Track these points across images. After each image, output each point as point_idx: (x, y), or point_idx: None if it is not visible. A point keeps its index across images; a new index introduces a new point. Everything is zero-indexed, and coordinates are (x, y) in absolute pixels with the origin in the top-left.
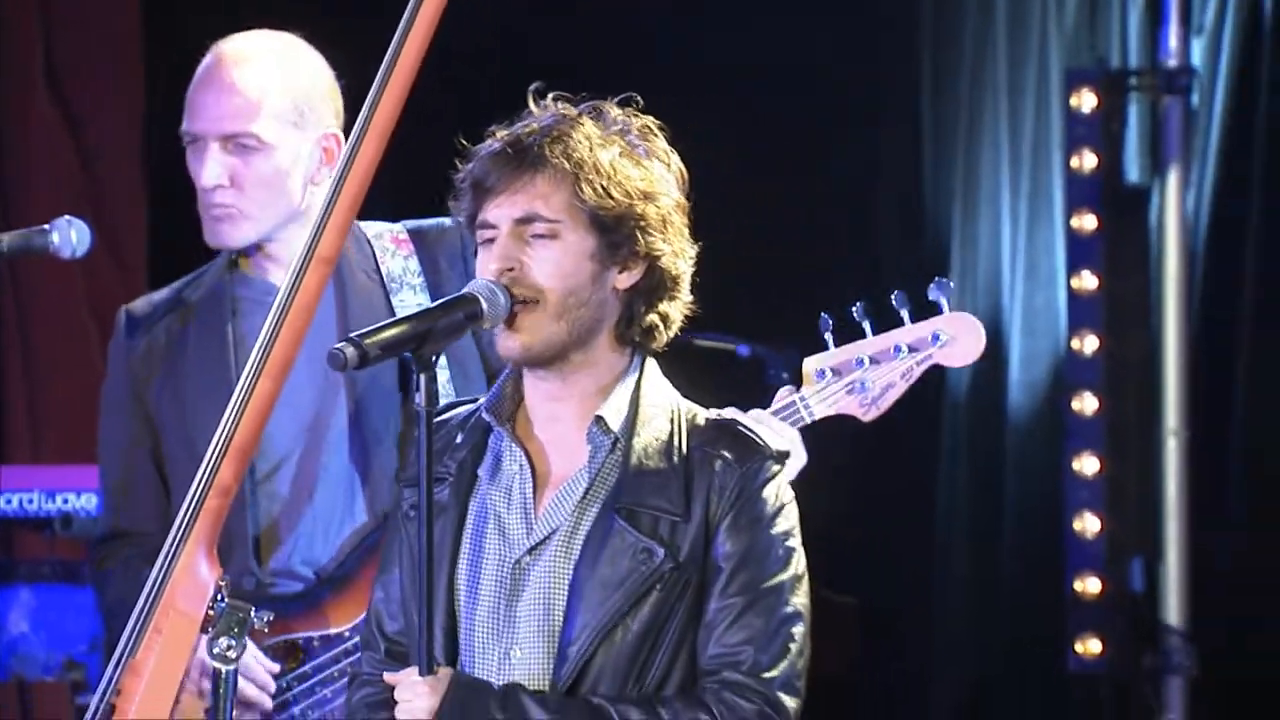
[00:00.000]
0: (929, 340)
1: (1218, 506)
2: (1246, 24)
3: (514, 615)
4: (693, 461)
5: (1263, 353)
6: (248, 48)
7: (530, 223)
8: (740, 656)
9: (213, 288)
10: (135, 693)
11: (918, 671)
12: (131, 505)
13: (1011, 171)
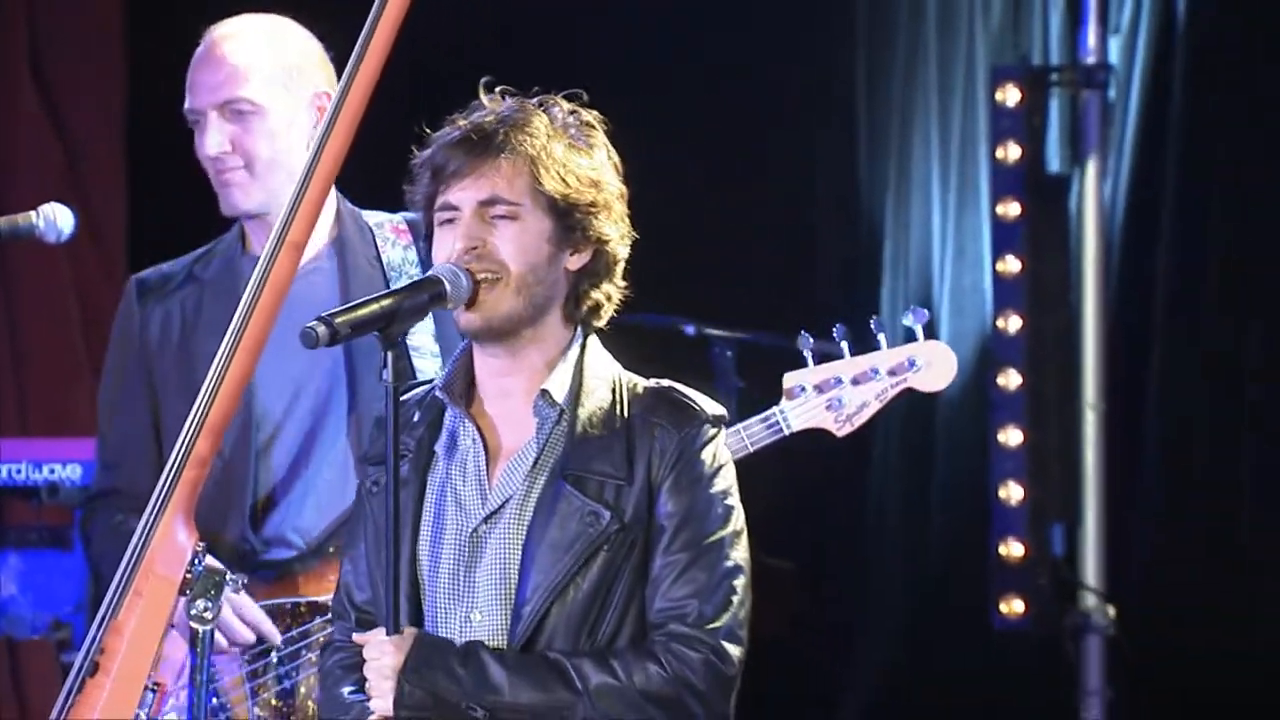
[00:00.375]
0: (906, 365)
1: (1134, 475)
2: (1160, 24)
3: (473, 580)
4: (634, 428)
5: (1175, 331)
6: (236, 25)
7: (493, 205)
8: (686, 609)
9: (226, 268)
10: (118, 651)
11: (852, 630)
12: (129, 465)
13: (941, 163)
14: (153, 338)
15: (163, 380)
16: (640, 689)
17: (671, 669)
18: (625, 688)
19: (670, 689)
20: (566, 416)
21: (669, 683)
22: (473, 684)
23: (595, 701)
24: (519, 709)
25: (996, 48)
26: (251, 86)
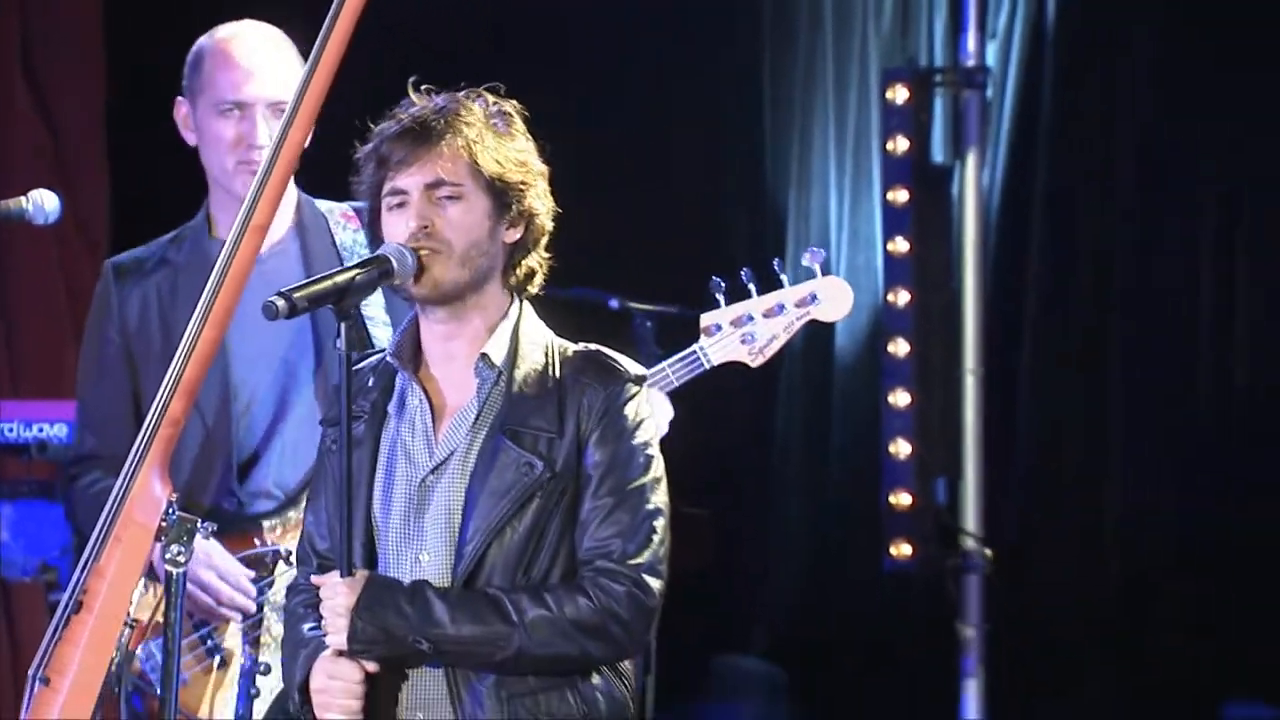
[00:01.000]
0: (809, 299)
1: (1008, 433)
2: (1032, 30)
3: (421, 525)
4: (565, 387)
5: (1045, 304)
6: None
7: (439, 187)
8: (611, 547)
9: (195, 251)
10: (99, 592)
11: (759, 571)
12: (109, 432)
13: (838, 154)
14: (132, 316)
15: (143, 354)
16: (571, 619)
17: (599, 601)
18: (557, 618)
19: (598, 619)
20: (504, 377)
21: (596, 613)
22: (419, 619)
23: (530, 632)
24: (461, 641)
25: (887, 51)
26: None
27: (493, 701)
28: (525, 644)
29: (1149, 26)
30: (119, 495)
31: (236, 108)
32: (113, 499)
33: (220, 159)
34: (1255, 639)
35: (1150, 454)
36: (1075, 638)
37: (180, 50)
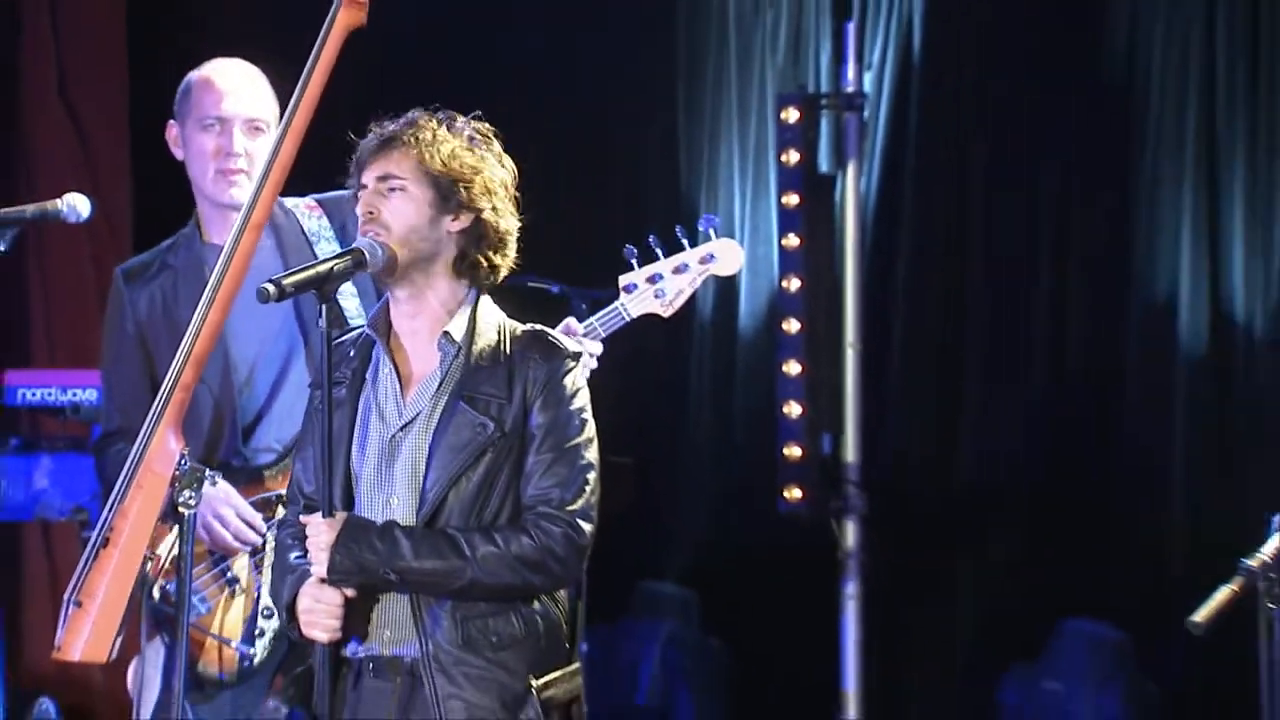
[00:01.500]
0: (708, 258)
1: (881, 395)
2: (901, 63)
3: (391, 474)
4: (514, 361)
5: (911, 289)
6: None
7: (386, 180)
8: (551, 495)
9: (190, 256)
10: (123, 530)
11: (674, 510)
12: (131, 411)
13: (741, 164)
14: (142, 313)
15: (155, 343)
16: (516, 555)
17: (539, 540)
18: (504, 554)
19: (538, 555)
20: (463, 352)
21: (537, 550)
22: (388, 554)
23: (482, 565)
24: (423, 572)
25: (781, 79)
26: (268, 114)
27: (449, 623)
28: (478, 575)
29: (995, 60)
30: (139, 449)
31: (217, 122)
32: (134, 453)
33: (203, 168)
34: (1084, 565)
35: (996, 412)
36: (937, 564)
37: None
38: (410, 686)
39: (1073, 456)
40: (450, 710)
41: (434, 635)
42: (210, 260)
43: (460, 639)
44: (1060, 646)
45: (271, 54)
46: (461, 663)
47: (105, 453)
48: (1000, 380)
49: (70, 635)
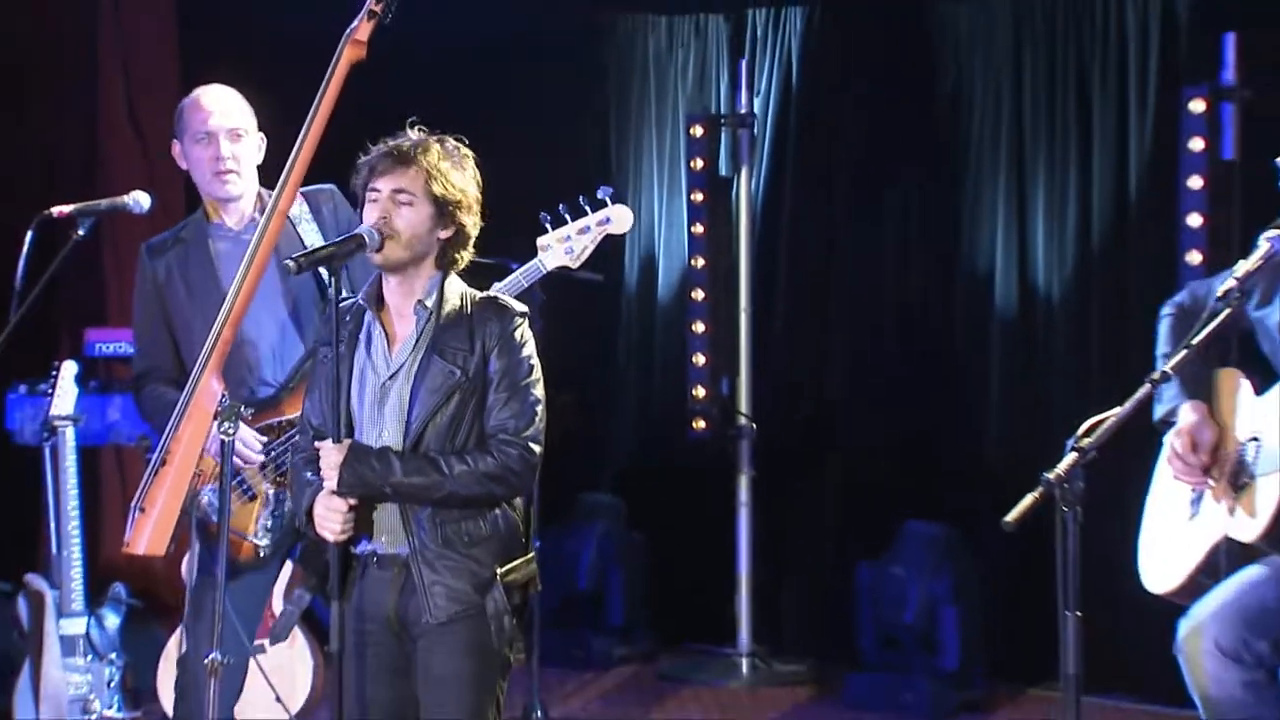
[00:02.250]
0: (605, 220)
1: (768, 349)
2: (782, 91)
3: (383, 414)
4: (473, 320)
5: (791, 267)
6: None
7: (400, 193)
8: (507, 425)
9: (197, 234)
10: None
11: (607, 437)
12: (157, 355)
13: (659, 170)
14: (161, 277)
15: (171, 299)
16: (482, 471)
17: (500, 459)
18: (473, 470)
19: (500, 471)
20: (433, 315)
21: (499, 467)
22: (383, 471)
23: (456, 480)
24: (411, 486)
25: (690, 103)
26: (247, 122)
27: (431, 526)
28: (454, 488)
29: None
30: (190, 390)
31: (206, 136)
32: (185, 393)
33: (202, 173)
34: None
35: (855, 361)
36: (809, 477)
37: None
38: (404, 576)
39: (914, 395)
40: (434, 594)
41: (420, 536)
42: (214, 235)
43: (440, 539)
44: (903, 541)
45: (292, 81)
46: (442, 557)
47: (140, 391)
48: (859, 336)
49: (136, 534)
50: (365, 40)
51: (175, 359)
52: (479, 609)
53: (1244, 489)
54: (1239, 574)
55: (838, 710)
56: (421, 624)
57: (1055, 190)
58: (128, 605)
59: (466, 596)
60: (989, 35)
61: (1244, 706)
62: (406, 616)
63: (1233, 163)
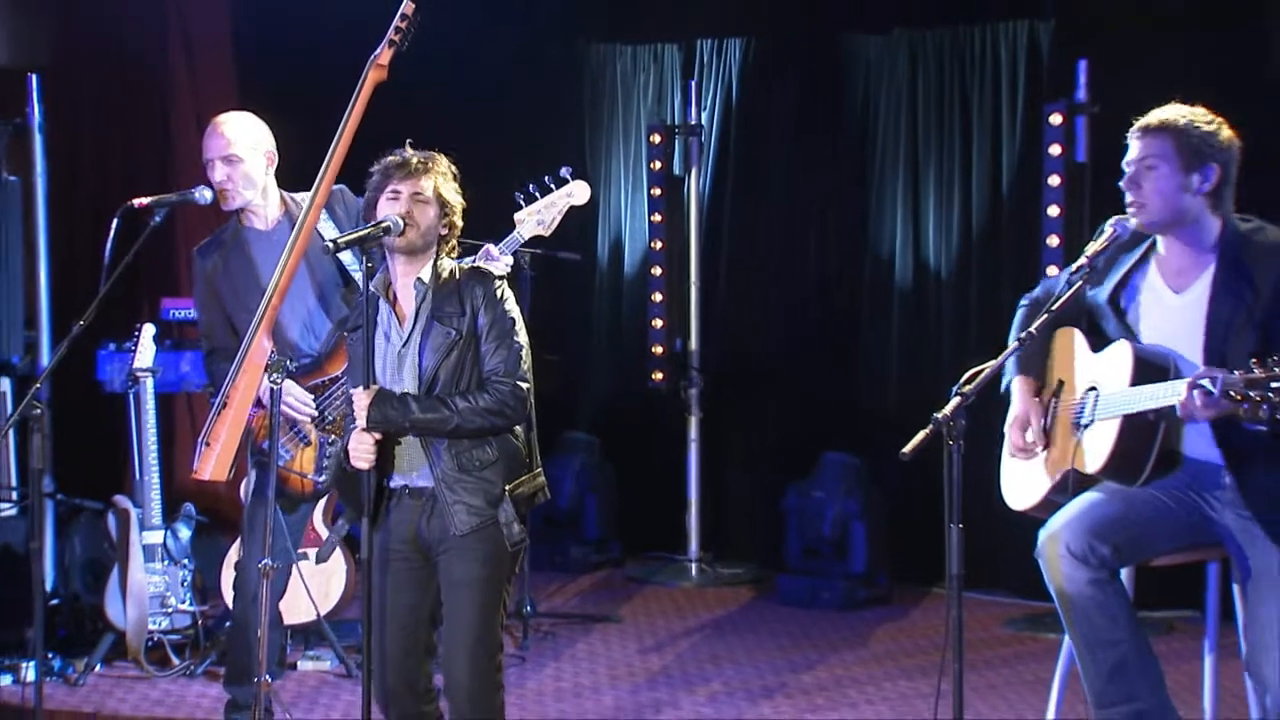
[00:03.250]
0: (568, 195)
1: (713, 314)
2: (724, 107)
3: (401, 375)
4: (463, 287)
5: (731, 249)
6: (228, 116)
7: (417, 195)
8: (499, 368)
9: (235, 236)
10: (235, 397)
11: (585, 387)
12: (215, 332)
13: (625, 170)
14: (209, 273)
15: (219, 288)
16: (482, 406)
17: (496, 396)
18: (475, 406)
19: (496, 405)
20: (429, 289)
21: (495, 402)
22: (402, 410)
23: (461, 415)
24: (426, 422)
25: (650, 115)
26: (240, 149)
27: (448, 455)
28: (459, 422)
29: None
30: (245, 348)
31: (209, 162)
32: (241, 350)
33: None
34: (838, 417)
35: (784, 325)
36: (746, 416)
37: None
38: (430, 502)
39: (832, 352)
40: (456, 511)
41: (440, 466)
42: (247, 235)
43: (456, 466)
44: (822, 469)
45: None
46: (459, 480)
47: (209, 360)
48: (786, 305)
49: (202, 463)
50: (386, 64)
51: (230, 331)
52: (492, 519)
53: (1086, 429)
54: (1084, 494)
55: (770, 605)
56: (447, 539)
57: (943, 187)
58: (196, 520)
59: (482, 510)
60: (891, 63)
61: (1090, 599)
62: (430, 537)
63: (1084, 165)
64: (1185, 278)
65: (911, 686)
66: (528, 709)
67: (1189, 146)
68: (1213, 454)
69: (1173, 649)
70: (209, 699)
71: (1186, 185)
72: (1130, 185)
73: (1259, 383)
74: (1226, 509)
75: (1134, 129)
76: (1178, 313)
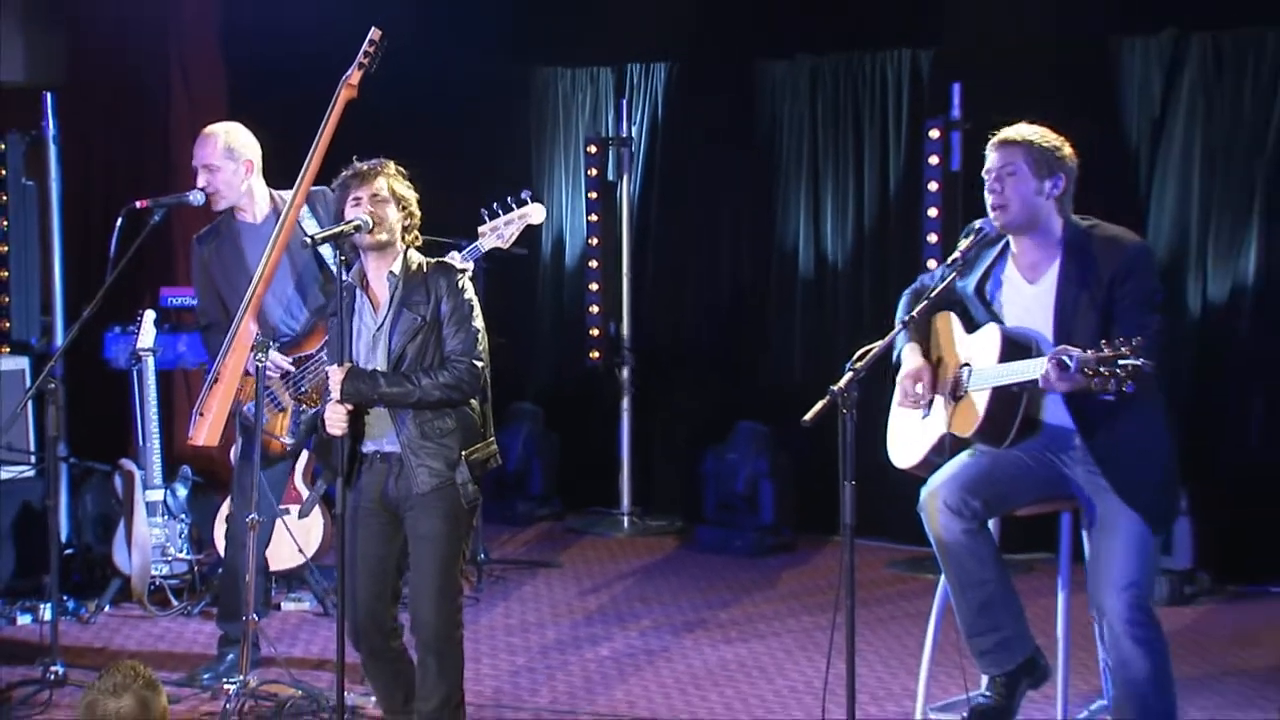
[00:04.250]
0: (525, 215)
1: (642, 302)
2: (652, 120)
3: (375, 355)
4: (429, 278)
5: (657, 245)
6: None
7: (375, 196)
8: (457, 349)
9: (228, 228)
10: (225, 374)
11: (530, 364)
12: (211, 311)
13: (566, 176)
14: (206, 258)
15: (215, 274)
16: (441, 382)
17: (454, 373)
18: (435, 382)
19: (454, 381)
20: (400, 280)
21: (453, 378)
22: (371, 384)
23: (422, 389)
24: (392, 395)
25: (587, 128)
26: (218, 158)
27: (412, 424)
28: (421, 395)
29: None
30: (234, 329)
31: (195, 170)
32: (230, 331)
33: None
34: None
35: (704, 308)
36: (671, 389)
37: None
38: (398, 465)
39: (744, 334)
40: (419, 473)
41: (405, 432)
42: (239, 228)
43: (419, 434)
44: (736, 435)
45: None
46: (422, 447)
47: (205, 336)
48: (706, 294)
49: (197, 430)
50: (356, 84)
51: (224, 311)
52: (451, 481)
53: (961, 399)
54: (959, 456)
55: (691, 553)
56: (412, 497)
57: (839, 192)
58: (192, 480)
59: (442, 473)
60: (794, 85)
61: (963, 546)
62: (397, 496)
63: (958, 173)
64: (1037, 270)
65: (812, 620)
66: (481, 643)
67: (1041, 157)
68: (1066, 420)
69: (1032, 586)
70: (204, 635)
71: (1040, 190)
72: (993, 189)
73: (1108, 360)
74: (1077, 465)
75: (992, 142)
76: (1032, 299)
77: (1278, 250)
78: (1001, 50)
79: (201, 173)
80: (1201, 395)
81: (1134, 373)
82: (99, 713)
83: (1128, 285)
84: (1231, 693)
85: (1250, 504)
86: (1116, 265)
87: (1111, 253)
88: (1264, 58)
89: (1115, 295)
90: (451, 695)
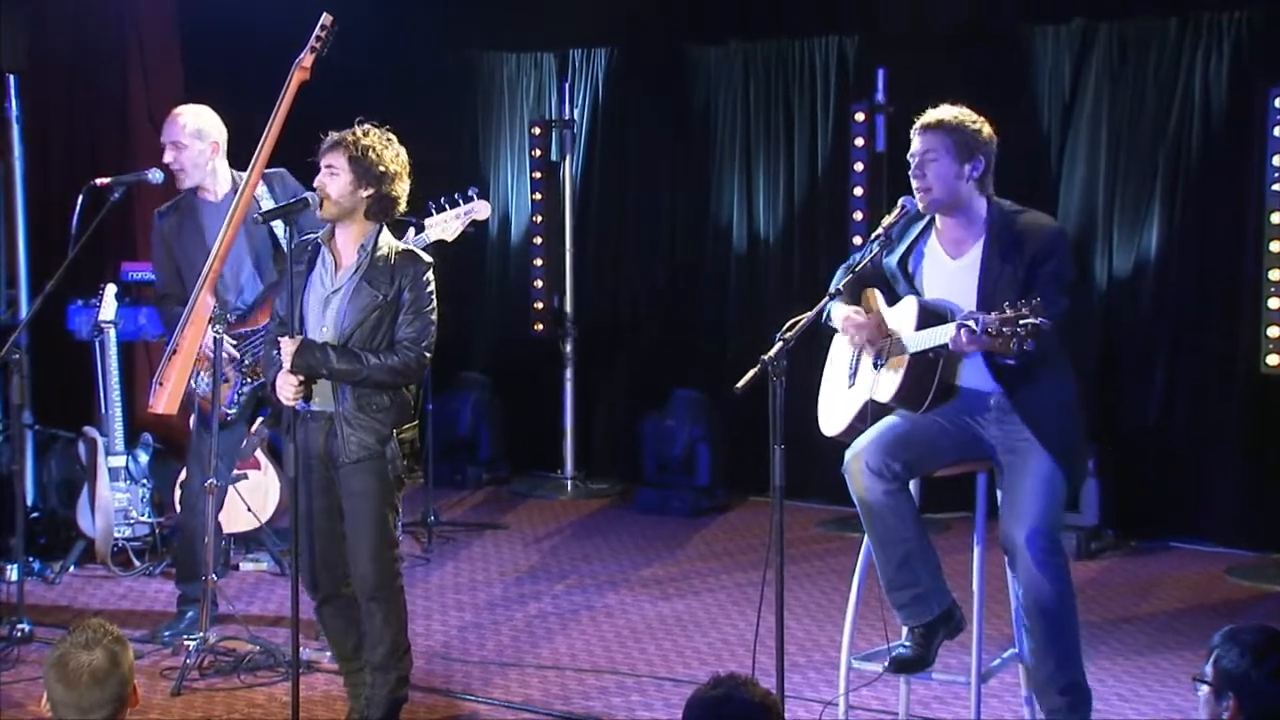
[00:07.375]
0: (471, 210)
1: (584, 276)
2: (593, 104)
3: (325, 316)
4: (395, 265)
5: (600, 223)
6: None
7: (329, 167)
8: (409, 337)
9: (189, 203)
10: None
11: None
12: (169, 284)
13: (511, 156)
14: (167, 232)
15: (174, 246)
16: (389, 365)
17: (402, 358)
18: (383, 364)
19: (401, 365)
20: (368, 256)
21: (401, 364)
22: (322, 359)
23: (370, 369)
24: (340, 370)
25: (531, 111)
26: (185, 137)
27: (351, 397)
28: (368, 373)
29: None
30: (191, 303)
31: (163, 148)
32: (188, 304)
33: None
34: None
35: (642, 282)
36: (611, 359)
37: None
38: (331, 427)
39: (681, 307)
40: (350, 442)
41: (343, 403)
42: (200, 205)
43: (356, 406)
44: (673, 402)
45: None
46: (356, 418)
47: (160, 306)
48: (643, 269)
49: (156, 399)
50: (309, 67)
51: (180, 285)
52: (380, 454)
53: (882, 368)
54: (881, 421)
55: (630, 513)
56: (342, 460)
57: (770, 172)
58: (153, 447)
59: (372, 446)
60: (728, 70)
61: (885, 505)
62: (333, 453)
63: (882, 154)
64: (961, 247)
65: (745, 577)
66: (432, 600)
67: (962, 141)
68: (982, 384)
69: (950, 543)
70: (165, 594)
71: (961, 173)
72: (917, 174)
73: (1010, 320)
74: (992, 425)
75: (916, 126)
76: (955, 274)
77: (1177, 227)
78: (923, 37)
79: (169, 149)
80: (1107, 364)
81: (1033, 331)
82: (71, 665)
83: (1047, 266)
84: (1132, 640)
85: (1151, 464)
86: (1038, 246)
87: (1034, 234)
88: (1165, 46)
89: (1034, 274)
90: (398, 643)
